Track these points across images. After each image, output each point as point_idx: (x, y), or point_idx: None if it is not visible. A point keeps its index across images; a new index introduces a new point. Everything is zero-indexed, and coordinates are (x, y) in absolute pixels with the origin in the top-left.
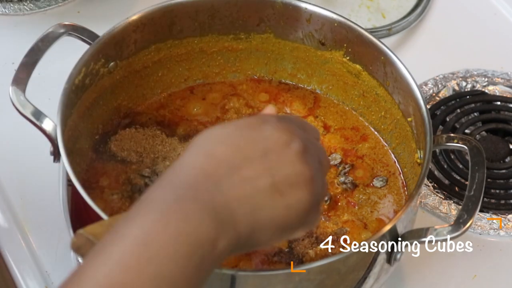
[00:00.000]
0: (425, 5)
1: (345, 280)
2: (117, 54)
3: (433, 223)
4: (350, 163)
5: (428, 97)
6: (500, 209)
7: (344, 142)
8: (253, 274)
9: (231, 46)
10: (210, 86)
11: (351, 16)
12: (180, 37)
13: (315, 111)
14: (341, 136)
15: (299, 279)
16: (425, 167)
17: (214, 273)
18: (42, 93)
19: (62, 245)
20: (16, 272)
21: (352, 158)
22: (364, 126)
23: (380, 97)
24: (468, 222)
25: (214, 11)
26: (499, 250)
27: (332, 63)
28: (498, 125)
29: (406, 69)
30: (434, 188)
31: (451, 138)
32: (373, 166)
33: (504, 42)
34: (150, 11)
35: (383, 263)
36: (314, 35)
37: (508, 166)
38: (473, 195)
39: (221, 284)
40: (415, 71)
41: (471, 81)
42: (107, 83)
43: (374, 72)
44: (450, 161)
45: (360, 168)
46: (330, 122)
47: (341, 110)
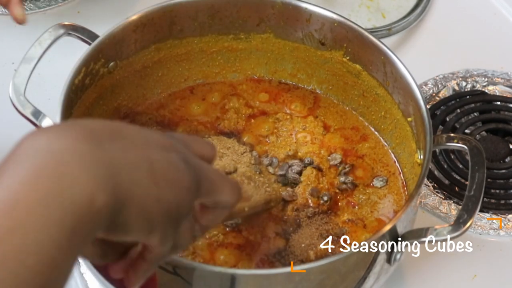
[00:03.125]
0: (425, 5)
1: (345, 280)
2: (117, 54)
3: (433, 223)
4: (350, 163)
5: (428, 97)
6: (500, 209)
7: (344, 142)
8: (253, 274)
9: (231, 46)
10: (210, 86)
11: (351, 16)
12: (180, 37)
13: (315, 111)
14: (341, 136)
15: (299, 279)
16: (425, 167)
17: (214, 273)
18: (42, 93)
19: None
20: None
21: (352, 158)
22: (364, 126)
23: (380, 97)
24: (468, 222)
25: (214, 11)
26: (499, 250)
27: (332, 63)
28: (498, 125)
29: (406, 69)
30: (434, 188)
31: (451, 138)
32: (373, 166)
33: (504, 42)
34: (150, 11)
35: (383, 263)
36: (314, 35)
37: (508, 166)
38: (473, 195)
39: (221, 284)
40: (415, 71)
41: (471, 81)
42: (107, 83)
43: (374, 72)
44: (450, 161)
45: (360, 167)
46: (330, 122)
47: (341, 110)
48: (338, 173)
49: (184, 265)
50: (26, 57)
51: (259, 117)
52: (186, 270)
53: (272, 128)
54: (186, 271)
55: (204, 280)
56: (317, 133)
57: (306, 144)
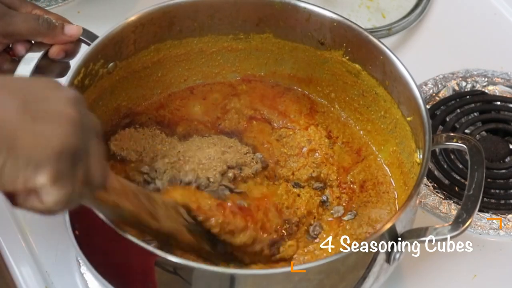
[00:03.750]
0: (425, 5)
1: (344, 280)
2: (117, 54)
3: (433, 223)
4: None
5: (428, 97)
6: (500, 209)
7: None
8: (253, 274)
9: (230, 46)
10: (210, 86)
11: (351, 16)
12: (179, 37)
13: (315, 112)
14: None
15: (298, 279)
16: (424, 166)
17: (214, 273)
18: None
19: (62, 245)
20: (16, 272)
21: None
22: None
23: (380, 96)
24: (467, 221)
25: (213, 11)
26: (499, 250)
27: (332, 62)
28: (498, 125)
29: (405, 68)
30: (434, 188)
31: (451, 137)
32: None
33: (504, 42)
34: (149, 11)
35: (383, 263)
36: (314, 34)
37: (508, 166)
38: (472, 194)
39: (221, 284)
40: (415, 71)
41: (471, 81)
42: (107, 83)
43: (374, 71)
44: (450, 161)
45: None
46: (330, 128)
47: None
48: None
49: (183, 265)
50: (25, 58)
51: (261, 124)
52: (185, 270)
53: (280, 147)
54: (186, 271)
55: (203, 280)
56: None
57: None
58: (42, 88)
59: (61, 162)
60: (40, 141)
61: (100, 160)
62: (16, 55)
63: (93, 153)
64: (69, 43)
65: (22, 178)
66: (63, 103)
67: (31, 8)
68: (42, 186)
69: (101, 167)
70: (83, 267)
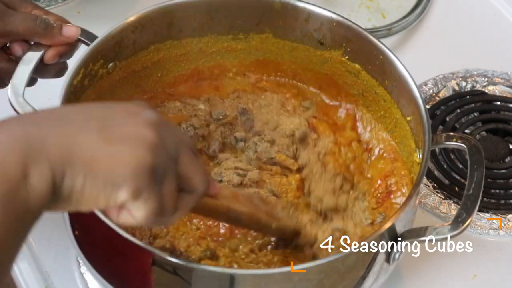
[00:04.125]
0: (425, 5)
1: (344, 280)
2: (116, 54)
3: (433, 223)
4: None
5: (428, 97)
6: (500, 209)
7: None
8: (252, 273)
9: (230, 46)
10: (210, 86)
11: (351, 16)
12: (179, 37)
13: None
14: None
15: (298, 279)
16: (424, 166)
17: (213, 273)
18: (41, 94)
19: (62, 245)
20: (16, 272)
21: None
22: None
23: (379, 96)
24: (467, 221)
25: (212, 12)
26: (499, 250)
27: (331, 62)
28: (498, 125)
29: (405, 68)
30: (434, 188)
31: (450, 137)
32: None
33: (504, 42)
34: (148, 11)
35: (382, 263)
36: (313, 34)
37: (508, 166)
38: (472, 193)
39: (220, 283)
40: (415, 71)
41: (471, 81)
42: (106, 83)
43: (373, 71)
44: (450, 161)
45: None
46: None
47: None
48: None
49: (183, 265)
50: (25, 58)
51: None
52: (185, 270)
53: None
54: (186, 271)
55: (203, 280)
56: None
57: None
58: (120, 113)
59: (139, 178)
60: (117, 161)
61: (196, 168)
62: (13, 54)
63: (186, 164)
64: (66, 44)
65: (103, 197)
66: (141, 126)
67: (30, 8)
68: (126, 202)
69: (200, 175)
70: (83, 267)
